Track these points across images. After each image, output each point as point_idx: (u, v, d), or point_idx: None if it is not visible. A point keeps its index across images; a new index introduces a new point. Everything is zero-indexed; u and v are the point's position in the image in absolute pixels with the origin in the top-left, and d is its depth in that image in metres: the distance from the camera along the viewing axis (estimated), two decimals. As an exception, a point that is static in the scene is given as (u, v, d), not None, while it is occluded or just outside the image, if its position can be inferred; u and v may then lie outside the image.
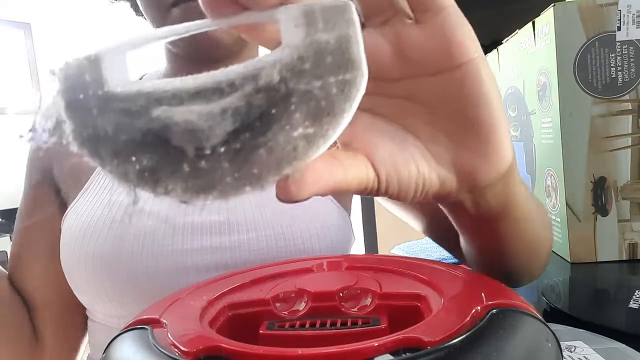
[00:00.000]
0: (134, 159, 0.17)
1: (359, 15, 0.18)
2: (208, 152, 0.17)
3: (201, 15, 0.19)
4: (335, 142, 0.19)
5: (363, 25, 0.23)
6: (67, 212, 0.51)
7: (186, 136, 0.17)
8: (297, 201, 0.19)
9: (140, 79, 0.56)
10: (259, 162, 0.17)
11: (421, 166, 0.24)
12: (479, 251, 0.32)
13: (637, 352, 0.31)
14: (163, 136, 0.17)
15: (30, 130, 0.18)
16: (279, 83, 0.17)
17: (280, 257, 0.45)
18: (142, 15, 0.50)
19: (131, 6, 0.57)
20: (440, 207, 0.29)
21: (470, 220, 0.28)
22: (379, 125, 0.24)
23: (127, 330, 0.25)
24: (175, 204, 0.47)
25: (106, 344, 0.25)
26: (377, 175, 0.23)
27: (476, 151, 0.24)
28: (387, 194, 0.23)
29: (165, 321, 0.25)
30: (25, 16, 2.74)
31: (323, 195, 0.20)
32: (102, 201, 0.48)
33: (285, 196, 0.18)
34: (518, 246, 0.31)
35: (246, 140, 0.17)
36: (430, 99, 0.24)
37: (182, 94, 0.17)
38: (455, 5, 0.22)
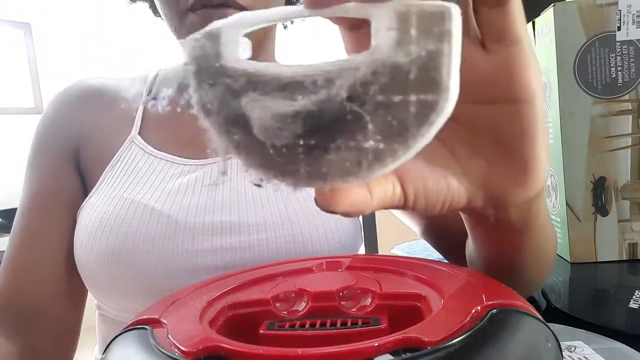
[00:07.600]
0: (229, 133, 0.19)
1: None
2: (281, 146, 0.18)
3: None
4: None
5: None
6: (82, 205, 0.50)
7: (260, 131, 0.18)
8: (332, 212, 0.19)
9: (156, 76, 0.53)
10: (327, 165, 0.18)
11: (452, 183, 0.24)
12: (487, 260, 0.32)
13: (637, 352, 0.31)
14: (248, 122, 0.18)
15: (153, 98, 0.20)
16: (358, 92, 0.16)
17: (289, 259, 0.45)
18: (161, 16, 0.50)
19: (150, 7, 0.57)
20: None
21: (487, 230, 0.28)
22: None
23: (127, 330, 0.25)
24: (186, 205, 0.46)
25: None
26: (405, 193, 0.23)
27: (510, 177, 0.24)
28: (414, 209, 0.23)
29: (165, 321, 0.25)
30: (25, 16, 2.73)
31: (354, 214, 0.20)
32: (114, 197, 0.48)
33: (324, 206, 0.19)
34: (527, 260, 0.31)
35: (316, 143, 0.17)
36: (478, 123, 0.23)
37: (274, 82, 0.18)
38: (528, 41, 0.21)
